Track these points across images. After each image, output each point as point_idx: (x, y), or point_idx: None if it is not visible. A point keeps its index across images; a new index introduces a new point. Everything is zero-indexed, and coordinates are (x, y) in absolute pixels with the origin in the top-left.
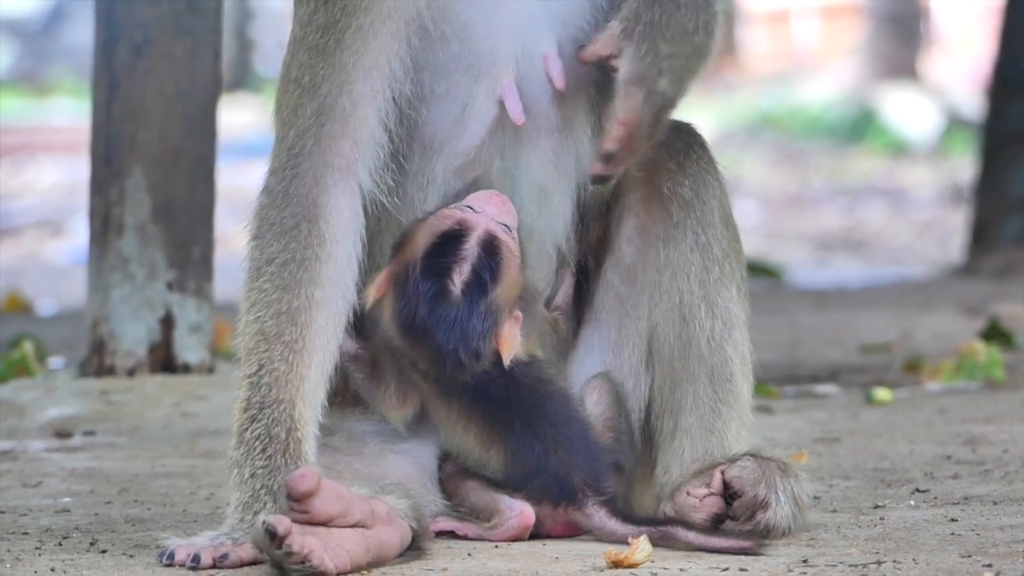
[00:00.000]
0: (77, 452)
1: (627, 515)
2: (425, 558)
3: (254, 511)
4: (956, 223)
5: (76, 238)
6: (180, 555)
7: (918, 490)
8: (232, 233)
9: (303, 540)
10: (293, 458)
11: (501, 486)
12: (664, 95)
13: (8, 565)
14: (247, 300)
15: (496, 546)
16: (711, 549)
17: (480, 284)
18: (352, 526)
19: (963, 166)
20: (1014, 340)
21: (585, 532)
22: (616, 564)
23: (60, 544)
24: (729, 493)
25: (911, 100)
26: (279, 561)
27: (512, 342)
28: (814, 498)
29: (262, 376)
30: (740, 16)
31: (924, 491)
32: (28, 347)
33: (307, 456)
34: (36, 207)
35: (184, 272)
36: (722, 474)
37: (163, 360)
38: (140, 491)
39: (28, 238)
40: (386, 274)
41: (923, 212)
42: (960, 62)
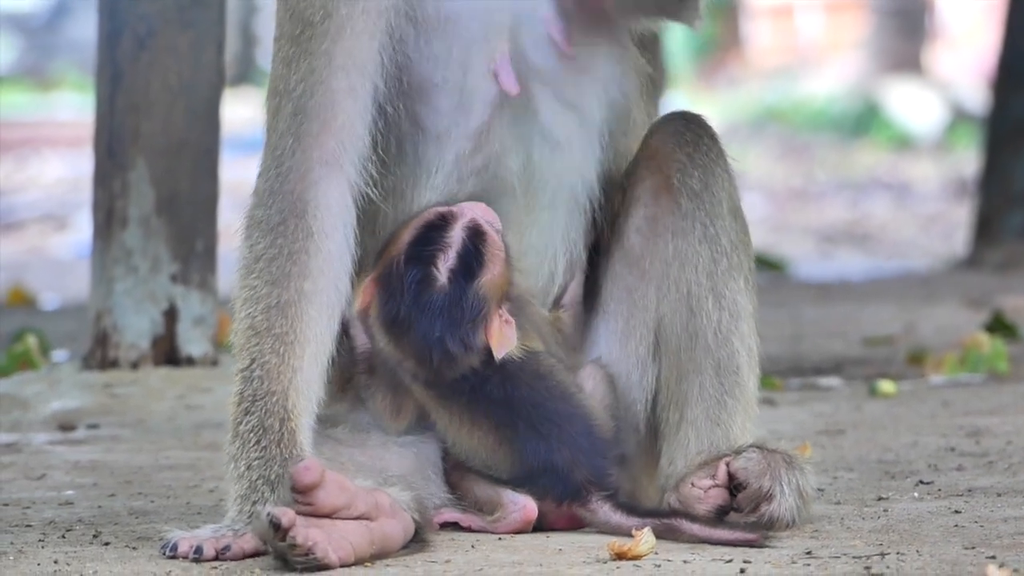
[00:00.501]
0: (81, 445)
1: (631, 508)
2: (428, 550)
3: (252, 502)
4: (960, 217)
5: (80, 232)
6: (183, 547)
7: (922, 482)
8: (236, 226)
9: (307, 532)
10: (288, 448)
11: (505, 482)
12: None
13: (12, 557)
14: (239, 299)
15: (499, 538)
16: (716, 541)
17: (466, 270)
18: (356, 518)
19: (967, 159)
20: (1018, 332)
21: (589, 525)
22: (620, 556)
23: (63, 536)
24: (734, 485)
25: (915, 94)
26: (283, 553)
27: (503, 338)
28: (818, 490)
29: (254, 370)
30: (745, 10)
31: (928, 483)
32: (32, 340)
33: (302, 445)
34: (40, 201)
35: (188, 265)
36: (727, 466)
37: (167, 353)
38: (144, 483)
39: (32, 232)
40: (371, 279)
41: (927, 206)
42: (964, 56)
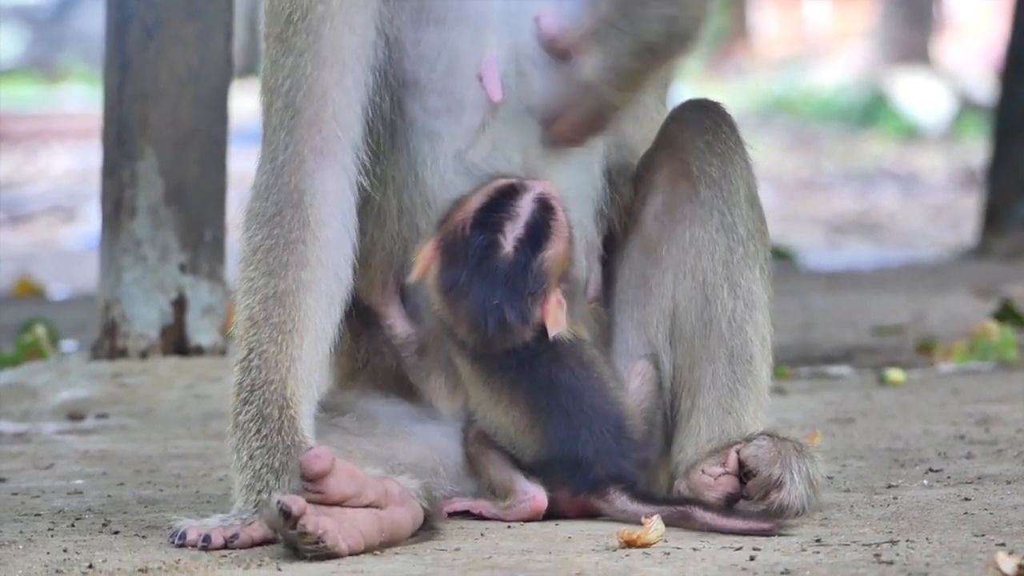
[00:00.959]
0: (90, 434)
1: (647, 496)
2: (438, 538)
3: (258, 491)
4: (968, 207)
5: (88, 224)
6: (191, 535)
7: (931, 470)
8: (238, 220)
9: (317, 520)
10: (289, 435)
11: (522, 465)
12: (612, 105)
13: (21, 546)
14: (239, 290)
15: (509, 526)
16: (730, 531)
17: (532, 241)
18: (365, 506)
19: (975, 150)
20: None
21: (603, 515)
22: (629, 544)
23: (72, 525)
24: (744, 472)
25: (923, 84)
26: (292, 541)
27: (558, 317)
28: (827, 478)
29: (252, 359)
30: (752, 0)
31: (937, 471)
32: (40, 330)
33: (303, 433)
34: (48, 193)
35: (196, 254)
36: (737, 453)
37: (176, 342)
38: (153, 473)
39: (41, 224)
40: (432, 244)
41: (935, 196)
42: (972, 46)
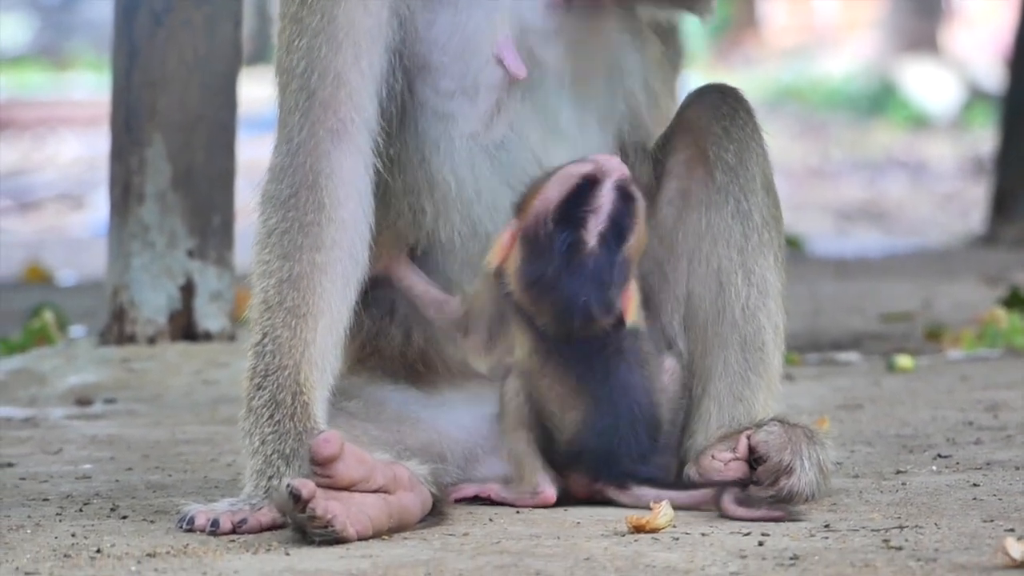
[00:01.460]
0: (98, 419)
1: (660, 483)
2: (446, 523)
3: (268, 477)
4: (977, 195)
5: (97, 211)
6: (200, 520)
7: (940, 456)
8: (253, 202)
9: (326, 505)
10: (302, 421)
11: (548, 450)
12: None
13: (29, 531)
14: (254, 274)
15: (517, 511)
16: (740, 518)
17: (617, 234)
18: (374, 491)
19: (984, 138)
20: None
21: (613, 502)
22: (638, 529)
23: (81, 510)
24: (754, 458)
25: (932, 73)
26: (301, 525)
27: (635, 307)
28: (836, 464)
29: (265, 344)
30: None
31: (946, 457)
32: (49, 316)
33: (316, 419)
34: (57, 181)
35: (204, 240)
36: (748, 439)
37: (184, 328)
38: (161, 458)
39: (49, 211)
40: (510, 233)
41: (944, 184)
42: (981, 34)
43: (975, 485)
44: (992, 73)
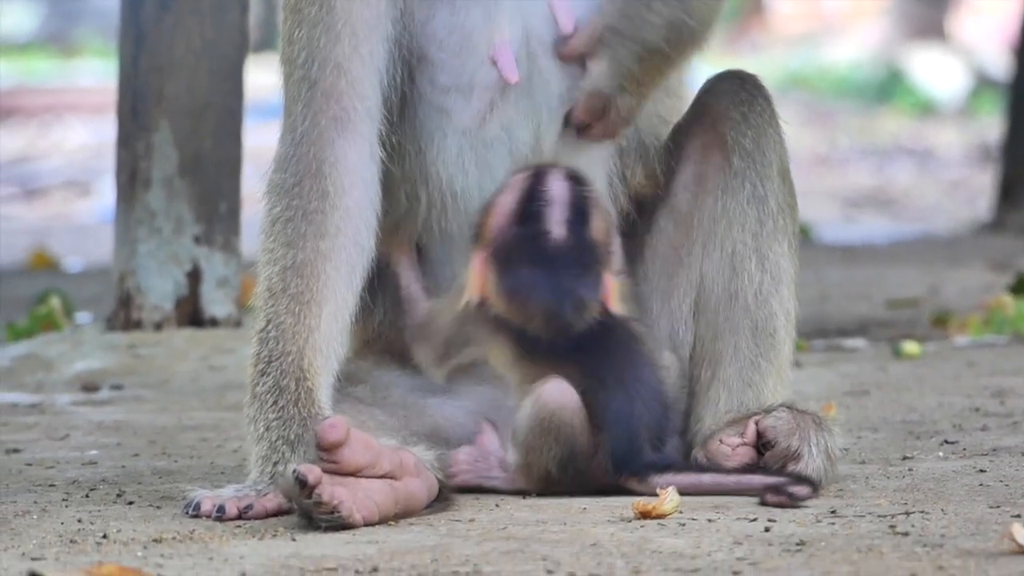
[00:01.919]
0: (104, 405)
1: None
2: (452, 509)
3: (274, 463)
4: (984, 182)
5: (103, 198)
6: (206, 506)
7: (947, 442)
8: (259, 191)
9: (333, 490)
10: (306, 407)
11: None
12: (628, 106)
13: (35, 516)
14: (259, 262)
15: (524, 497)
16: (745, 487)
17: (579, 216)
18: (380, 477)
19: (991, 125)
20: None
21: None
22: (644, 515)
23: (87, 496)
24: (762, 443)
25: (939, 60)
26: (308, 511)
27: (617, 291)
28: (843, 450)
29: (269, 331)
30: None
31: (953, 443)
32: (55, 302)
33: (320, 404)
34: (63, 168)
35: (211, 226)
36: (756, 424)
37: (190, 314)
38: (167, 444)
39: (56, 198)
40: (479, 261)
41: (951, 171)
42: (988, 22)
43: (981, 471)
44: (999, 61)
